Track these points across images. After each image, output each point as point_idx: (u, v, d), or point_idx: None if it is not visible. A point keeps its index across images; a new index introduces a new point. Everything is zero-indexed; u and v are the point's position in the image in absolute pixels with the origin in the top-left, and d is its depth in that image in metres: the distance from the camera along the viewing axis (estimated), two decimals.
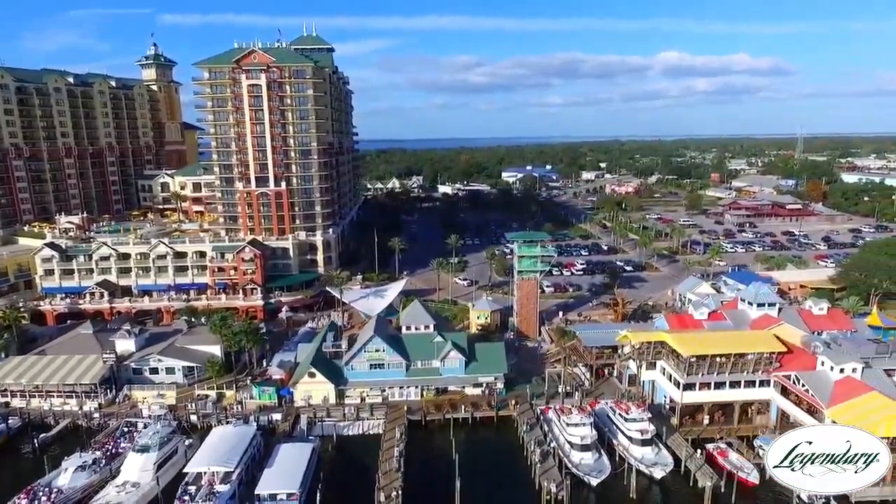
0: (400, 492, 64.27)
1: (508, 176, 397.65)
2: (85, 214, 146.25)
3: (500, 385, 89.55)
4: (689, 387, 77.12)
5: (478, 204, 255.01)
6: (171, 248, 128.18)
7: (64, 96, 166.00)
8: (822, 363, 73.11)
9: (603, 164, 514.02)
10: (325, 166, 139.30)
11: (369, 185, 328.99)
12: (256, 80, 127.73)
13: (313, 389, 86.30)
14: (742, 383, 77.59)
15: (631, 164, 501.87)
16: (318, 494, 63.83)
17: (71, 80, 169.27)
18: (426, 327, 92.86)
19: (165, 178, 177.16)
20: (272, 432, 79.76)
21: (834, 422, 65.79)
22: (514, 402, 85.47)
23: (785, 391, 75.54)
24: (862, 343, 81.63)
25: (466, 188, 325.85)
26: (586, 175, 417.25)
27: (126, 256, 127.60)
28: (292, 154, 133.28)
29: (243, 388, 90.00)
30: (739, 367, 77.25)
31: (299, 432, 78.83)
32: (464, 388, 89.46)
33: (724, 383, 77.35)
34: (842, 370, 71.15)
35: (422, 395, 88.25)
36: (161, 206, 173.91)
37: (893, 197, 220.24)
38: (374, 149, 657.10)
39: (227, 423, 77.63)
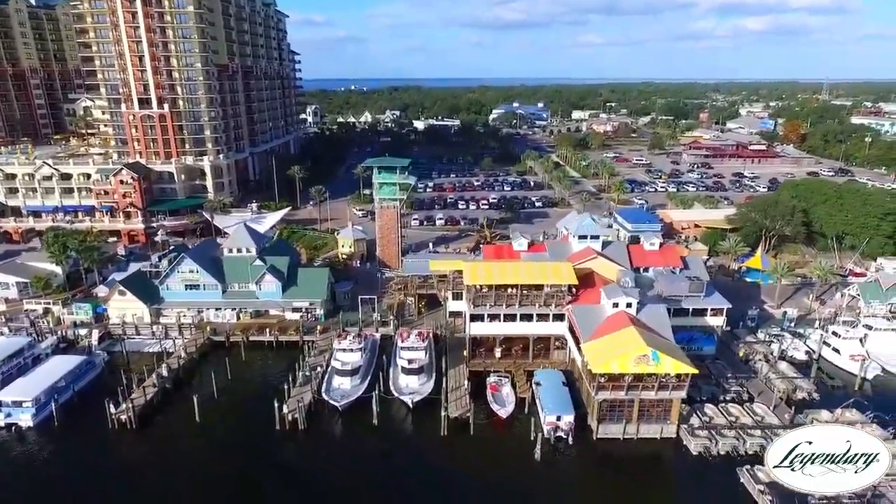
0: (133, 404, 64.27)
1: (496, 113, 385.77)
2: None
3: (318, 311, 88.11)
4: (476, 318, 73.99)
5: (436, 139, 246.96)
6: (55, 169, 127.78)
7: None
8: (604, 297, 69.07)
9: (612, 104, 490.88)
10: (214, 89, 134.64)
11: (340, 119, 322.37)
12: None
13: (126, 308, 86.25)
14: (535, 317, 73.97)
15: (644, 107, 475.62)
16: (52, 403, 64.63)
17: None
18: (248, 250, 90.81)
19: (87, 101, 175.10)
20: (73, 346, 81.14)
21: (590, 364, 62.59)
22: (319, 328, 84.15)
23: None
24: (678, 280, 77.02)
25: (437, 123, 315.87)
26: (578, 114, 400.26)
27: (12, 177, 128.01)
28: (176, 75, 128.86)
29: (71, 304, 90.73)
30: (532, 299, 73.42)
31: (91, 348, 79.56)
32: (283, 311, 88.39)
33: (515, 316, 73.87)
34: (615, 305, 67.19)
35: (238, 318, 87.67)
36: (84, 131, 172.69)
37: (866, 139, 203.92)
38: (390, 86, 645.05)
39: (0, 334, 78.46)
